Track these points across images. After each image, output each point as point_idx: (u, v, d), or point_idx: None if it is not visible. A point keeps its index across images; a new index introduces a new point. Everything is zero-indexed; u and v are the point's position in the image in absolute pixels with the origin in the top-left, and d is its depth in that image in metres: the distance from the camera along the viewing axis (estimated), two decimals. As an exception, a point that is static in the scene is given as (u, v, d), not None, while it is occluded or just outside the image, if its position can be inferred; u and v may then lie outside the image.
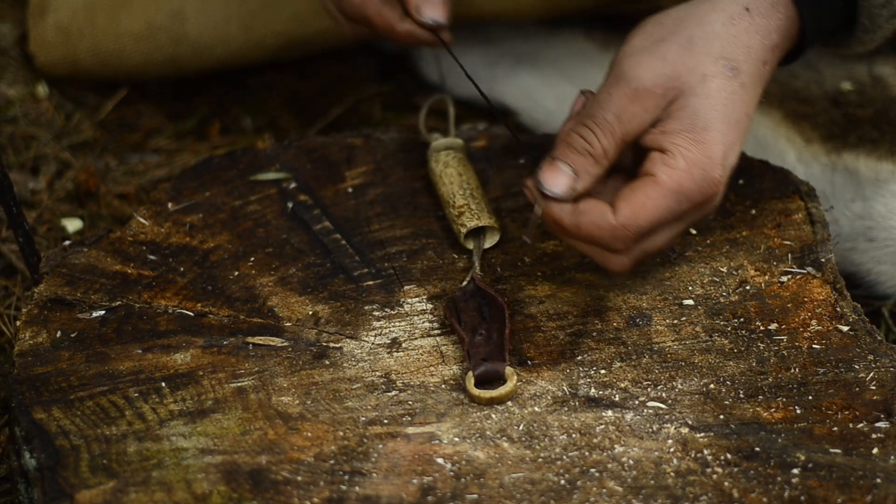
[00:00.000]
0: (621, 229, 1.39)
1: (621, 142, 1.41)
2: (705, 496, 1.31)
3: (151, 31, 1.98)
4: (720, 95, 1.41)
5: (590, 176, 1.41)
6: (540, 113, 1.95)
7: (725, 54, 1.43)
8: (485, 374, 1.42)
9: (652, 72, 1.41)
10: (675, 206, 1.40)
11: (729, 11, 1.44)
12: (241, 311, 1.50)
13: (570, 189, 1.41)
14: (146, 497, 1.30)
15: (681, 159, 1.39)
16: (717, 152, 1.40)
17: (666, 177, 1.39)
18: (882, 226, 1.72)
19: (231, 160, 1.68)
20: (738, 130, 1.42)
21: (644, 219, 1.39)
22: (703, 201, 1.41)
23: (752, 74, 1.43)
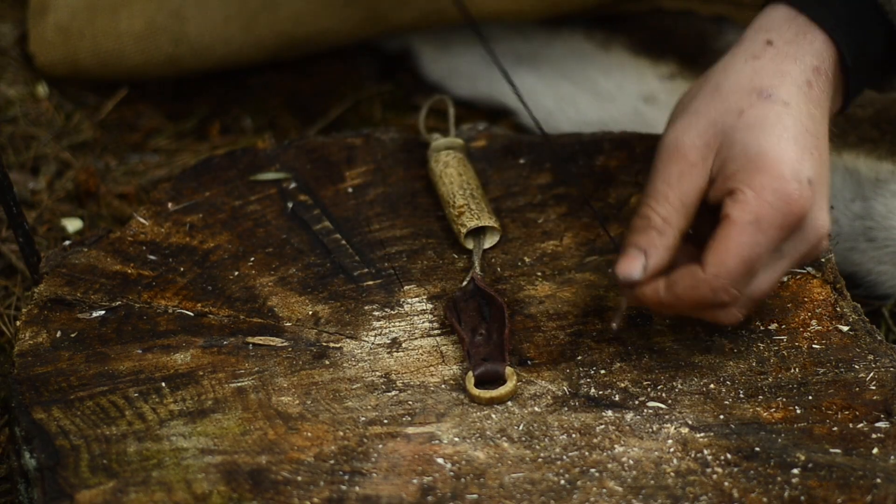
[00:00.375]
0: (715, 279, 1.34)
1: (680, 205, 1.37)
2: (705, 496, 1.31)
3: (151, 31, 1.98)
4: (765, 121, 1.37)
5: (658, 249, 1.37)
6: (540, 113, 1.95)
7: (755, 85, 1.39)
8: (485, 375, 1.42)
9: (688, 127, 1.39)
10: (761, 238, 1.34)
11: (751, 50, 1.42)
12: (241, 311, 1.50)
13: (642, 269, 1.37)
14: (146, 497, 1.30)
15: (748, 191, 1.34)
16: (783, 170, 1.35)
17: (739, 211, 1.34)
18: (882, 226, 1.72)
19: (231, 160, 1.68)
20: (799, 144, 1.36)
21: (733, 261, 1.34)
22: (793, 223, 1.35)
23: (793, 94, 1.39)
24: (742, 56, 1.42)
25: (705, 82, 1.42)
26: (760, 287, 1.38)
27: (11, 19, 2.15)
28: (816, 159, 1.38)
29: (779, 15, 1.44)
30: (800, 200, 1.35)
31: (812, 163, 1.37)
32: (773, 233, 1.35)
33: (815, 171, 1.37)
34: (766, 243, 1.35)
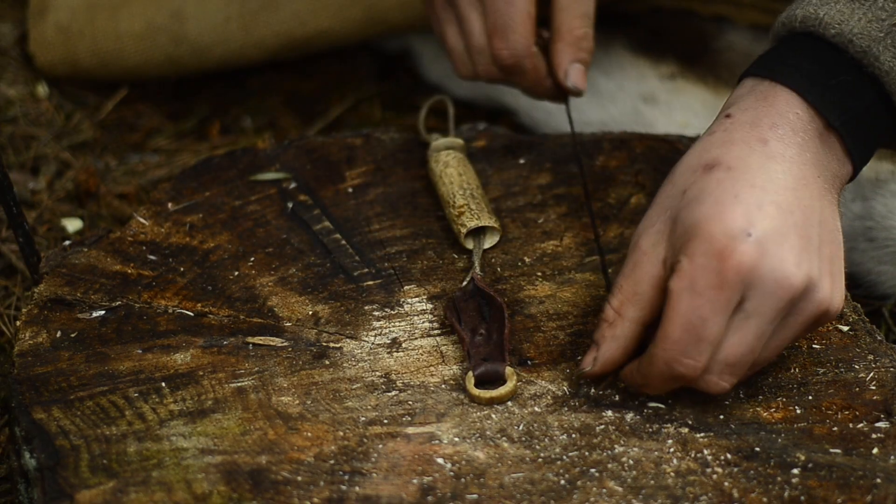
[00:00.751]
0: (663, 352, 1.32)
1: (632, 294, 1.36)
2: (705, 496, 1.31)
3: (151, 31, 1.98)
4: (703, 192, 1.33)
5: (608, 340, 1.38)
6: (540, 113, 1.95)
7: (701, 161, 1.36)
8: (485, 375, 1.42)
9: (645, 219, 1.38)
10: (698, 302, 1.30)
11: (710, 128, 1.40)
12: (241, 311, 1.50)
13: (592, 360, 1.39)
14: (146, 497, 1.30)
15: (684, 261, 1.32)
16: (714, 231, 1.30)
17: (676, 282, 1.32)
18: (882, 226, 1.72)
19: (231, 160, 1.68)
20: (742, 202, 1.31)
21: (675, 331, 1.32)
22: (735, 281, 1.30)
23: (740, 157, 1.34)
24: (700, 137, 1.40)
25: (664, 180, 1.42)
26: (733, 350, 1.33)
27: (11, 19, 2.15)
28: (769, 213, 1.32)
29: (743, 89, 1.41)
30: (735, 256, 1.30)
31: (760, 217, 1.31)
32: (710, 294, 1.30)
33: (765, 225, 1.31)
34: (707, 305, 1.31)
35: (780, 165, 1.35)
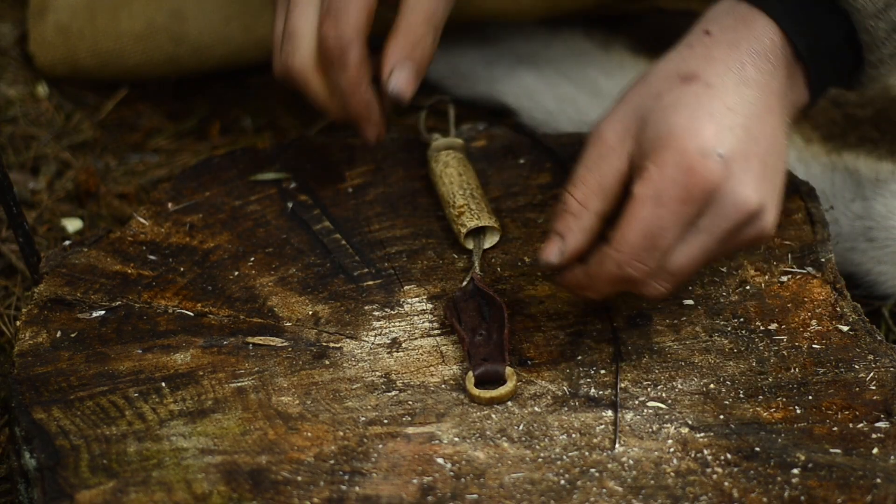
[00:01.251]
0: (617, 254, 1.35)
1: (598, 188, 1.38)
2: (705, 496, 1.31)
3: (151, 31, 1.98)
4: (679, 102, 1.36)
5: (574, 232, 1.39)
6: (540, 113, 1.95)
7: (679, 70, 1.39)
8: (485, 375, 1.42)
9: (612, 115, 1.39)
10: (661, 212, 1.34)
11: (686, 41, 1.41)
12: (241, 311, 1.50)
13: (559, 253, 1.39)
14: (146, 497, 1.30)
15: (652, 167, 1.34)
16: (687, 145, 1.34)
17: (640, 187, 1.35)
18: (882, 226, 1.72)
19: (231, 160, 1.68)
20: (715, 122, 1.35)
21: (633, 236, 1.35)
22: (698, 197, 1.34)
23: (719, 75, 1.37)
24: (677, 48, 1.42)
25: (638, 74, 1.43)
26: (680, 261, 1.37)
27: (11, 19, 2.15)
28: (738, 135, 1.35)
29: (722, 6, 1.43)
30: (703, 173, 1.33)
31: (730, 138, 1.34)
32: (674, 206, 1.34)
33: (733, 146, 1.34)
34: (669, 216, 1.34)
35: (753, 91, 1.38)
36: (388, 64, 1.49)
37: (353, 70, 1.48)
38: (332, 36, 1.47)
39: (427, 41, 1.50)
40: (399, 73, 1.49)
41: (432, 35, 1.50)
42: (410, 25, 1.49)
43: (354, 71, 1.48)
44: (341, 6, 1.47)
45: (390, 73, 1.49)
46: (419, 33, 1.49)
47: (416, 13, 1.49)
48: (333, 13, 1.47)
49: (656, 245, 1.35)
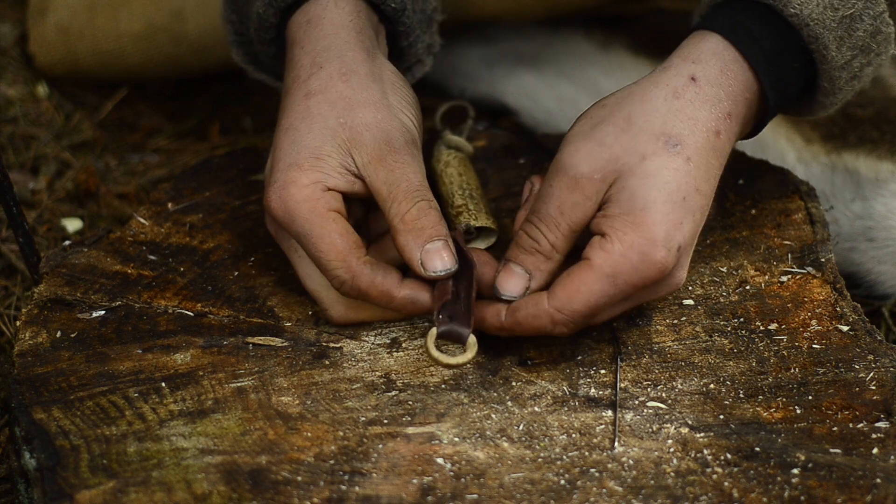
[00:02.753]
0: (557, 314, 1.39)
1: (569, 232, 1.41)
2: (705, 496, 1.31)
3: (151, 31, 1.98)
4: (661, 174, 1.39)
5: (542, 273, 1.42)
6: (540, 113, 1.95)
7: (666, 130, 1.40)
8: (447, 334, 1.40)
9: (589, 157, 1.40)
10: (610, 290, 1.38)
11: (672, 85, 1.42)
12: (241, 311, 1.50)
13: (524, 289, 1.42)
14: (146, 497, 1.30)
15: (617, 243, 1.37)
16: (657, 233, 1.37)
17: (601, 261, 1.37)
18: (882, 226, 1.72)
19: (231, 160, 1.68)
20: (685, 208, 1.39)
21: (578, 303, 1.38)
22: (647, 283, 1.39)
23: (699, 147, 1.40)
24: (663, 90, 1.42)
25: (618, 109, 1.42)
26: (597, 320, 1.42)
27: (11, 19, 2.15)
28: (696, 221, 1.40)
29: (708, 46, 1.44)
30: (661, 265, 1.38)
31: (690, 227, 1.39)
32: (626, 288, 1.38)
33: (690, 235, 1.40)
34: (617, 296, 1.39)
35: (718, 162, 1.42)
36: (414, 262, 1.42)
37: (374, 290, 1.42)
38: (336, 284, 1.42)
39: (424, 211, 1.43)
40: (428, 261, 1.42)
41: (424, 198, 1.44)
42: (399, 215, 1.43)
43: (376, 291, 1.42)
44: (318, 257, 1.41)
45: (421, 265, 1.42)
46: (412, 215, 1.43)
47: (396, 200, 1.43)
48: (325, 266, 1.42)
49: (595, 315, 1.40)
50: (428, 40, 1.59)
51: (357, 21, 1.51)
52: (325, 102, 1.46)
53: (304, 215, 1.41)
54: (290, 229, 1.43)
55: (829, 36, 1.43)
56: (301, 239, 1.42)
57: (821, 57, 1.44)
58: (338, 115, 1.45)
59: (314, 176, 1.43)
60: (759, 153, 1.71)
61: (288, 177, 1.42)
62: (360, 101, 1.46)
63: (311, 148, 1.44)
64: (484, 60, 2.01)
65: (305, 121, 1.45)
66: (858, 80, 1.47)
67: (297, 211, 1.41)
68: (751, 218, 1.59)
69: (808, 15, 1.42)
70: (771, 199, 1.60)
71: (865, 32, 1.44)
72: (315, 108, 1.46)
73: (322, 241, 1.41)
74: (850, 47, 1.44)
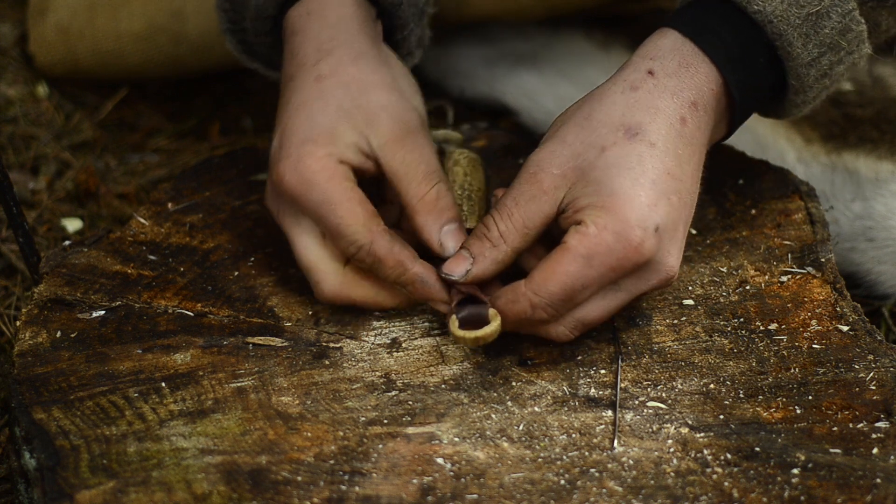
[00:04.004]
0: (533, 296, 1.39)
1: (521, 226, 1.40)
2: (705, 496, 1.31)
3: (151, 31, 1.98)
4: (624, 162, 1.39)
5: (486, 260, 1.41)
6: (540, 113, 1.95)
7: (625, 121, 1.40)
8: (469, 318, 1.41)
9: (550, 155, 1.41)
10: (589, 273, 1.37)
11: (630, 80, 1.43)
12: (241, 311, 1.50)
13: (464, 273, 1.42)
14: (146, 497, 1.30)
15: (591, 226, 1.37)
16: (629, 214, 1.37)
17: (575, 242, 1.37)
18: (882, 226, 1.72)
19: (231, 160, 1.68)
20: (656, 190, 1.38)
21: (554, 285, 1.38)
22: (629, 267, 1.38)
23: (662, 133, 1.40)
24: (620, 86, 1.43)
25: (579, 108, 1.44)
26: (592, 313, 1.41)
27: (11, 19, 2.15)
28: (673, 204, 1.39)
29: (666, 43, 1.45)
30: (640, 247, 1.37)
31: (666, 209, 1.39)
32: (603, 270, 1.38)
33: (668, 217, 1.39)
34: (595, 277, 1.38)
35: (688, 149, 1.41)
36: (434, 242, 1.45)
37: (389, 258, 1.44)
38: (352, 250, 1.44)
39: (442, 193, 1.47)
40: (447, 241, 1.46)
41: (441, 182, 1.47)
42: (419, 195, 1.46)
43: (391, 259, 1.44)
44: (335, 223, 1.43)
45: (440, 246, 1.45)
46: (431, 197, 1.46)
47: (415, 180, 1.46)
48: (335, 233, 1.44)
49: (573, 298, 1.39)
50: (419, 33, 1.60)
51: (359, 13, 1.52)
52: (338, 85, 1.47)
53: (323, 183, 1.43)
54: (305, 199, 1.44)
55: (793, 33, 1.43)
56: (318, 207, 1.43)
57: (786, 54, 1.44)
58: (352, 98, 1.46)
59: (329, 149, 1.44)
60: (759, 153, 1.71)
61: (303, 150, 1.44)
62: (373, 83, 1.47)
63: (325, 126, 1.46)
64: (484, 60, 2.01)
65: (319, 101, 1.47)
66: (829, 78, 1.47)
67: (314, 180, 1.43)
68: (751, 218, 1.59)
69: (772, 12, 1.42)
70: (771, 199, 1.60)
71: (833, 30, 1.44)
72: (328, 90, 1.47)
73: (341, 207, 1.43)
74: (817, 44, 1.44)
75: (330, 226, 1.43)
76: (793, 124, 1.84)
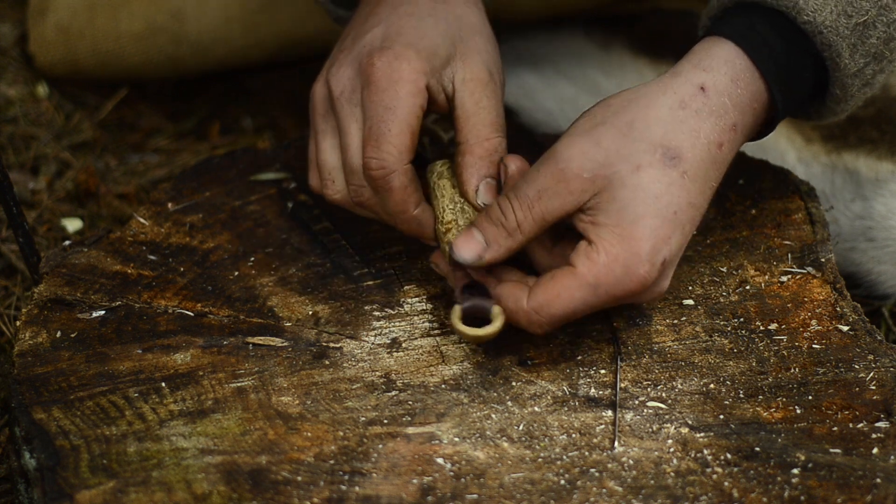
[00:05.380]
0: (534, 315, 1.39)
1: (540, 219, 1.40)
2: (705, 496, 1.31)
3: (151, 31, 1.98)
4: (653, 187, 1.38)
5: (500, 248, 1.41)
6: (540, 113, 1.95)
7: (666, 142, 1.39)
8: (472, 310, 1.40)
9: (582, 155, 1.39)
10: (590, 299, 1.38)
11: (681, 94, 1.41)
12: (241, 311, 1.50)
13: (477, 257, 1.42)
14: (146, 497, 1.30)
15: (603, 254, 1.37)
16: (643, 248, 1.37)
17: (585, 269, 1.37)
18: (882, 226, 1.72)
19: (231, 160, 1.68)
20: (674, 223, 1.38)
21: (557, 308, 1.38)
22: (626, 295, 1.39)
23: (699, 161, 1.40)
24: (670, 98, 1.41)
25: (622, 111, 1.41)
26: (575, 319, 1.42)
27: (11, 19, 2.15)
28: (685, 234, 1.40)
29: (721, 53, 1.42)
30: (644, 280, 1.38)
31: (677, 241, 1.39)
32: (606, 298, 1.39)
33: (676, 249, 1.40)
34: (596, 304, 1.39)
35: (717, 173, 1.42)
36: (471, 186, 1.47)
37: (398, 194, 1.46)
38: (374, 164, 1.45)
39: (499, 147, 1.48)
40: (483, 192, 1.47)
41: (503, 137, 1.48)
42: (480, 139, 1.48)
43: (399, 195, 1.46)
44: (382, 131, 1.45)
45: (476, 193, 1.47)
46: (490, 146, 1.48)
47: (481, 123, 1.48)
48: (374, 139, 1.45)
49: (572, 319, 1.40)
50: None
51: None
52: (448, 13, 1.50)
53: (402, 93, 1.45)
54: (379, 94, 1.45)
55: (842, 43, 1.41)
56: (383, 109, 1.45)
57: (834, 65, 1.43)
58: (459, 28, 1.49)
59: (424, 66, 1.46)
60: (759, 153, 1.71)
61: (406, 53, 1.46)
62: (477, 26, 1.51)
63: (432, 39, 1.47)
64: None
65: (432, 17, 1.49)
66: (870, 87, 1.47)
67: (398, 84, 1.45)
68: (751, 218, 1.59)
69: (822, 22, 1.40)
70: (771, 199, 1.60)
71: (879, 39, 1.43)
72: (440, 12, 1.49)
73: (398, 124, 1.44)
74: (864, 54, 1.43)
75: (376, 131, 1.45)
76: (793, 124, 1.84)
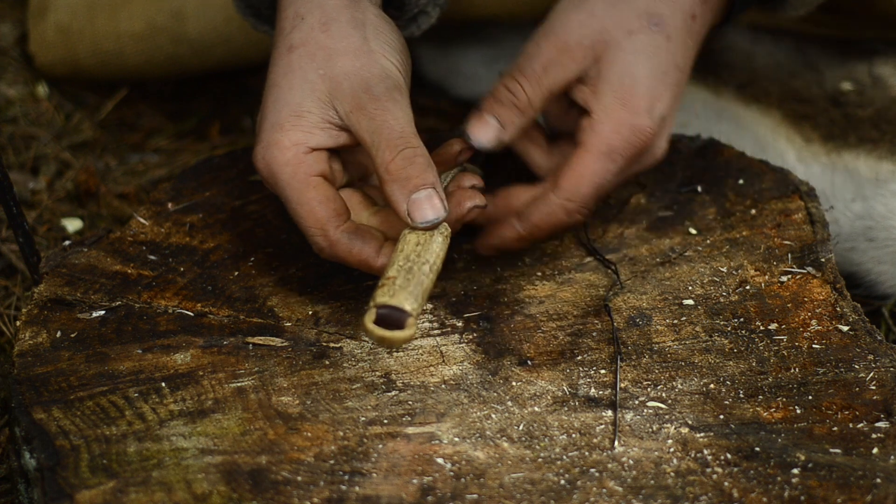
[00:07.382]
0: (570, 203, 1.46)
1: (547, 92, 1.46)
2: (705, 496, 1.31)
3: (151, 31, 1.98)
4: (646, 50, 1.46)
5: (514, 127, 1.47)
6: (540, 113, 1.95)
7: (650, 9, 1.47)
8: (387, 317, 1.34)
9: (580, 26, 1.47)
10: (610, 166, 1.45)
11: None
12: (241, 311, 1.50)
13: (496, 140, 1.47)
14: (146, 497, 1.30)
15: (606, 122, 1.45)
16: (642, 105, 1.46)
17: (595, 141, 1.45)
18: (882, 226, 1.72)
19: (231, 160, 1.68)
20: (665, 82, 1.47)
21: (585, 187, 1.45)
22: (638, 154, 1.46)
23: (678, 28, 1.48)
24: None
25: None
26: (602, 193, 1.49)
27: (11, 19, 2.15)
28: (674, 94, 1.49)
29: None
30: (649, 133, 1.47)
31: (670, 99, 1.48)
32: (621, 162, 1.47)
33: (669, 107, 1.49)
34: (616, 170, 1.47)
35: (693, 42, 1.51)
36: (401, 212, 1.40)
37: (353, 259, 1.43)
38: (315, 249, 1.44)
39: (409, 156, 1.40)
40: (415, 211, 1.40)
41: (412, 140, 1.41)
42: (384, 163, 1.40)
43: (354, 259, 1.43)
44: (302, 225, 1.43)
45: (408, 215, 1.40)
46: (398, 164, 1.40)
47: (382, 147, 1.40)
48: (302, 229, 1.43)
49: (601, 194, 1.47)
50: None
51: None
52: (305, 56, 1.45)
53: (286, 180, 1.43)
54: (273, 189, 1.46)
55: None
56: (283, 201, 1.45)
57: None
58: (317, 67, 1.44)
59: (296, 136, 1.43)
60: (759, 153, 1.71)
61: (271, 137, 1.43)
62: (339, 50, 1.44)
63: (292, 105, 1.44)
64: (484, 60, 2.01)
65: (287, 76, 1.45)
66: None
67: (279, 174, 1.43)
68: (751, 218, 1.59)
69: None
70: (771, 199, 1.60)
71: None
72: (296, 62, 1.45)
73: (301, 208, 1.42)
74: None
75: (295, 221, 1.45)
76: (793, 124, 1.84)
